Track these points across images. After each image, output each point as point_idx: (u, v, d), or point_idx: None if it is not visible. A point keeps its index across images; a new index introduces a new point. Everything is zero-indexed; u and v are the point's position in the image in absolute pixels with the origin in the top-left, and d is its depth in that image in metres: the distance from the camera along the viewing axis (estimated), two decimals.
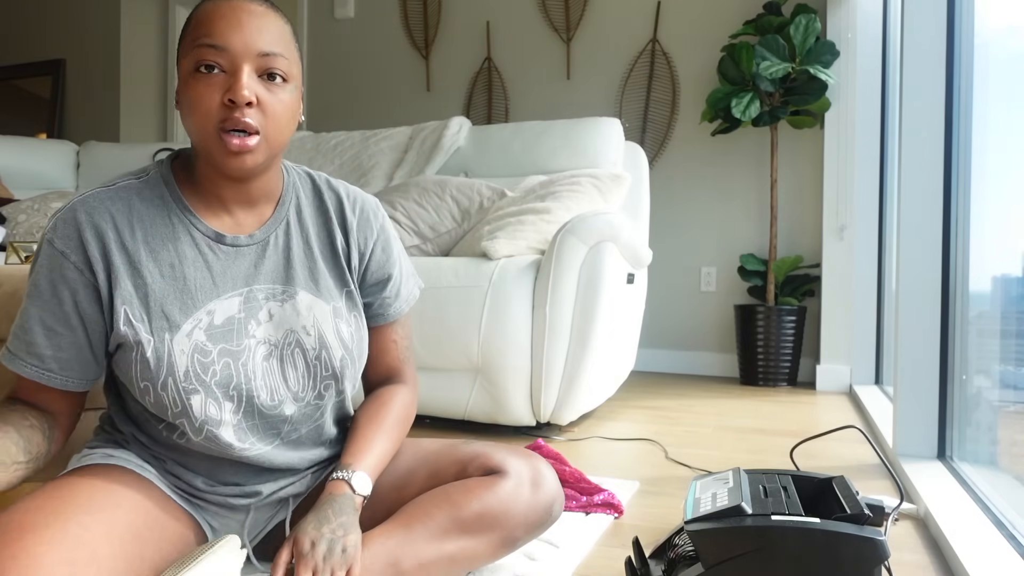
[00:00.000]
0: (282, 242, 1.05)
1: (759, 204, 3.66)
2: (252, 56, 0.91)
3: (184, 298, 0.97)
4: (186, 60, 0.92)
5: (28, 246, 1.76)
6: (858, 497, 1.00)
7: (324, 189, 1.12)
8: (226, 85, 0.90)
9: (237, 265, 1.01)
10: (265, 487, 1.07)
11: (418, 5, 4.35)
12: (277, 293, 1.03)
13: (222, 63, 0.90)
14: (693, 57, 3.79)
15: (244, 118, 0.90)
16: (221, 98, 0.90)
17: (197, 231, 0.99)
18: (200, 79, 0.90)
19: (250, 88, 0.90)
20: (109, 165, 3.68)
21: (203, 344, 0.97)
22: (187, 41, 0.93)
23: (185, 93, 0.92)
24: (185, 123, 0.94)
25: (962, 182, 1.83)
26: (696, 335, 3.78)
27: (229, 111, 0.90)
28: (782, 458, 2.01)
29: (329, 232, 1.09)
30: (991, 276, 1.74)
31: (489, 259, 2.32)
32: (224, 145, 0.91)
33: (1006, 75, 1.74)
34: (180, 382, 0.95)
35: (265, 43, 0.92)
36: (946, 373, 1.84)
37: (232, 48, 0.90)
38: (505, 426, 2.31)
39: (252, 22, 0.92)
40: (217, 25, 0.91)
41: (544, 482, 1.08)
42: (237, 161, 0.92)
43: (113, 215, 0.96)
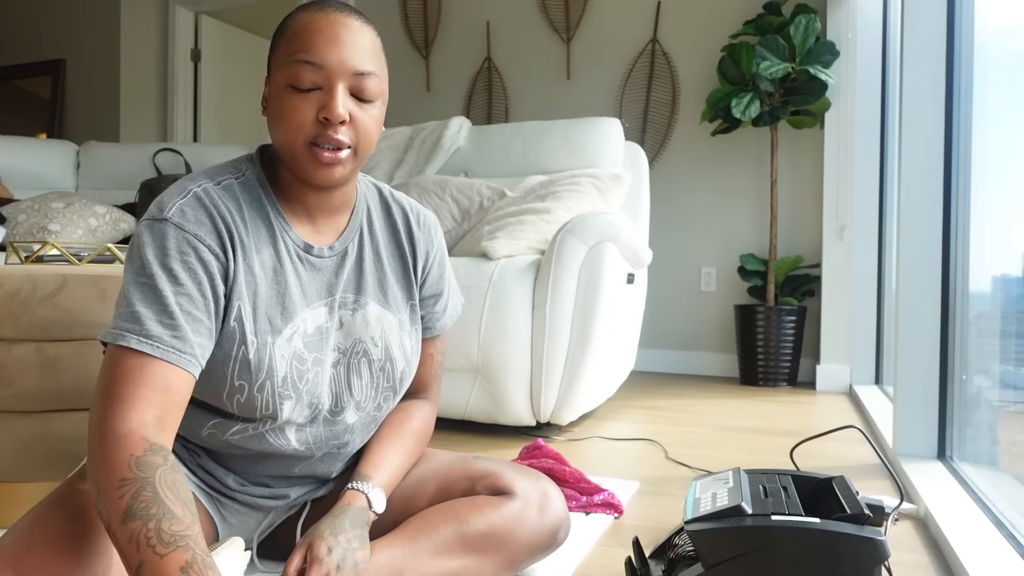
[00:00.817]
0: (355, 253, 1.07)
1: (759, 204, 3.66)
2: (347, 75, 0.93)
3: (285, 303, 0.98)
4: (281, 72, 0.93)
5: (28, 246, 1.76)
6: (858, 497, 1.00)
7: (391, 202, 1.14)
8: (320, 102, 0.92)
9: (320, 276, 1.02)
10: (294, 491, 1.09)
11: (418, 5, 4.35)
12: (349, 302, 1.05)
13: (318, 80, 0.92)
14: (693, 57, 3.79)
15: (337, 135, 0.92)
16: (315, 114, 0.92)
17: (290, 239, 1.00)
18: (295, 95, 0.92)
19: (344, 107, 0.92)
20: (109, 165, 3.68)
21: (300, 352, 0.98)
22: (282, 50, 0.94)
23: (278, 104, 0.93)
24: (273, 131, 0.95)
25: (962, 182, 1.83)
26: (696, 335, 3.78)
27: (322, 127, 0.92)
28: (782, 458, 2.01)
29: (397, 244, 1.12)
30: (991, 276, 1.74)
31: (489, 259, 2.32)
32: (315, 157, 0.93)
33: (1006, 75, 1.74)
34: (278, 387, 0.96)
35: (359, 62, 0.94)
36: (946, 373, 1.84)
37: (329, 66, 0.92)
38: (505, 426, 2.31)
39: (349, 38, 0.93)
40: (315, 40, 0.92)
41: (551, 506, 1.08)
42: (327, 173, 0.94)
43: (230, 208, 0.95)
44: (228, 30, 5.40)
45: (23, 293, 1.35)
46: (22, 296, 1.35)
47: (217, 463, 1.05)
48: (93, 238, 3.11)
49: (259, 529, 1.12)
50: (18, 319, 1.35)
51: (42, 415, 1.42)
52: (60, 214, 3.06)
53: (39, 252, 1.72)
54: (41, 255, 1.72)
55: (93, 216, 3.14)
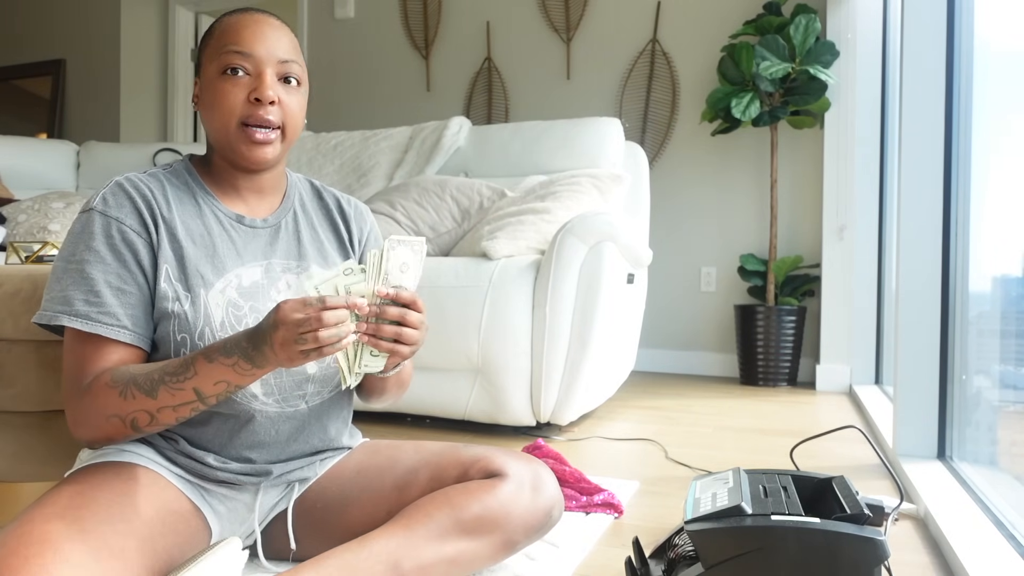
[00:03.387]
0: (291, 227, 1.16)
1: (759, 204, 3.66)
2: (274, 62, 1.05)
3: (215, 262, 1.06)
4: (212, 64, 1.04)
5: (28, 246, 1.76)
6: (858, 497, 1.00)
7: (322, 190, 1.25)
8: (251, 86, 1.03)
9: (256, 242, 1.11)
10: (276, 467, 1.10)
11: (418, 5, 4.35)
12: (292, 267, 1.13)
13: (247, 67, 1.03)
14: (693, 57, 3.79)
15: (267, 115, 1.03)
16: (246, 96, 1.03)
17: (220, 212, 1.09)
18: (227, 80, 1.03)
19: (273, 89, 1.03)
20: (109, 165, 3.68)
21: (235, 300, 1.06)
22: (211, 48, 1.05)
23: (211, 92, 1.04)
24: (207, 119, 1.05)
25: (962, 182, 1.83)
26: (696, 335, 3.78)
27: (254, 108, 1.03)
28: (782, 458, 2.01)
29: (331, 220, 1.22)
30: (991, 276, 1.74)
31: (489, 259, 2.32)
32: (248, 137, 1.03)
33: (1006, 75, 1.74)
34: (216, 332, 1.03)
35: (283, 51, 1.06)
36: (946, 373, 1.84)
37: (257, 54, 1.03)
38: (505, 426, 2.31)
39: (272, 33, 1.06)
40: (243, 35, 1.04)
41: (544, 486, 1.10)
42: (259, 152, 1.05)
43: (152, 190, 1.05)
44: None
45: (23, 293, 1.35)
46: (22, 296, 1.35)
47: (195, 445, 1.07)
48: None
49: (254, 520, 1.12)
50: (18, 319, 1.35)
51: (42, 415, 1.42)
52: (60, 214, 3.06)
53: (39, 252, 1.72)
54: (41, 255, 1.72)
55: None
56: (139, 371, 0.95)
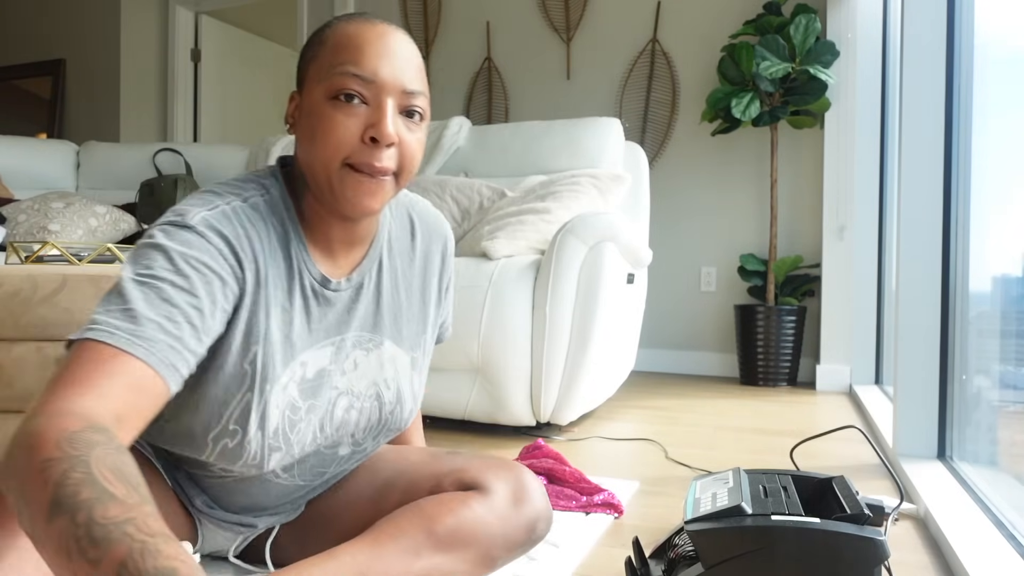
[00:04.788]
0: (374, 284, 0.98)
1: (759, 204, 3.66)
2: (398, 92, 0.85)
3: (286, 347, 0.90)
4: (321, 84, 0.84)
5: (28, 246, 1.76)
6: (858, 497, 1.00)
7: (416, 225, 1.05)
8: (368, 120, 0.83)
9: (333, 312, 0.94)
10: (261, 521, 1.05)
11: (418, 5, 4.35)
12: (364, 341, 0.98)
13: (365, 94, 0.84)
14: (693, 57, 3.79)
15: (381, 161, 0.84)
16: (360, 132, 0.83)
17: (308, 273, 0.91)
18: (338, 108, 0.83)
19: (394, 125, 0.84)
20: (109, 165, 3.68)
21: (295, 400, 0.92)
22: (323, 61, 0.85)
23: (315, 119, 0.84)
24: (306, 149, 0.86)
25: (962, 182, 1.83)
26: (696, 335, 3.78)
27: (367, 150, 0.83)
28: (782, 458, 2.01)
29: (424, 270, 1.05)
30: (991, 276, 1.74)
31: (489, 259, 2.32)
32: (354, 183, 0.84)
33: (1006, 75, 1.74)
34: (268, 438, 0.90)
35: (410, 79, 0.86)
36: (946, 373, 1.84)
37: (380, 80, 0.83)
38: (505, 426, 2.31)
39: (400, 52, 0.86)
40: (365, 53, 0.84)
41: (528, 498, 1.01)
42: (365, 202, 0.85)
43: (258, 233, 0.87)
44: (228, 30, 5.40)
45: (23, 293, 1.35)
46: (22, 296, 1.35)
47: (192, 482, 0.99)
48: (93, 238, 3.12)
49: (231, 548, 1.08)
50: (18, 319, 1.35)
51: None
52: (60, 214, 3.06)
53: (39, 252, 1.72)
54: (41, 255, 1.72)
55: (93, 216, 3.14)
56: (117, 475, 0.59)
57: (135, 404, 0.69)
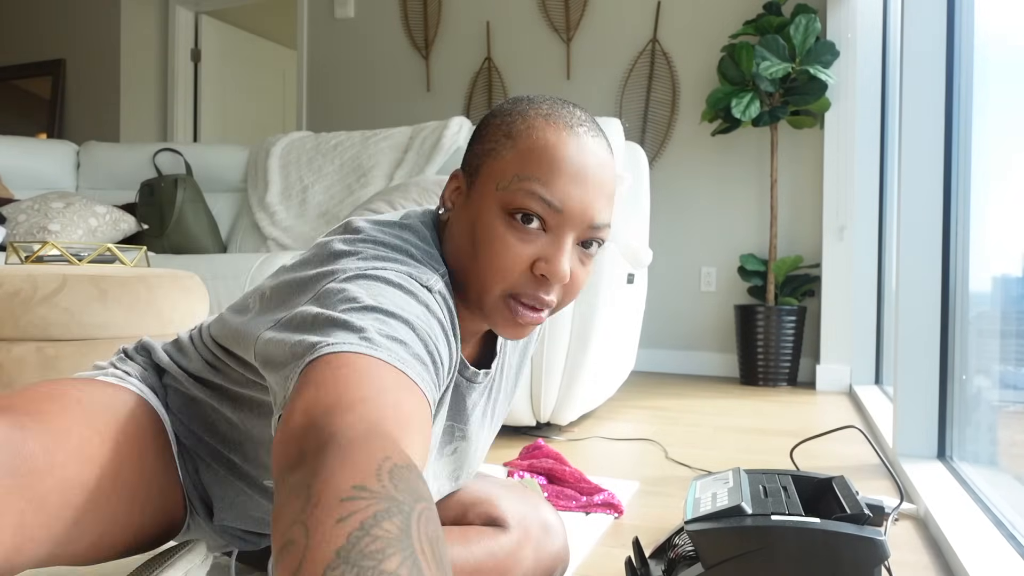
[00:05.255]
0: (499, 374, 0.93)
1: (759, 204, 3.66)
2: (584, 226, 0.74)
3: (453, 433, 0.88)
4: (499, 192, 0.73)
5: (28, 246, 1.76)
6: (858, 497, 1.00)
7: None
8: (542, 252, 0.73)
9: (458, 400, 0.86)
10: (263, 541, 1.00)
11: (418, 5, 4.35)
12: (470, 433, 0.91)
13: (548, 221, 0.73)
14: (693, 57, 3.79)
15: (548, 296, 0.74)
16: (530, 263, 0.73)
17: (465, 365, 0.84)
18: (513, 229, 0.73)
19: (570, 265, 0.75)
20: (109, 165, 3.68)
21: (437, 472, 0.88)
22: (507, 165, 0.74)
23: (484, 232, 0.73)
24: (462, 253, 0.76)
25: (962, 182, 1.83)
26: (696, 335, 3.78)
27: (533, 283, 0.74)
28: (782, 458, 2.01)
29: (522, 352, 1.00)
30: (991, 276, 1.74)
31: None
32: (511, 314, 0.75)
33: (1006, 75, 1.74)
34: None
35: (600, 210, 0.74)
36: (946, 373, 1.84)
37: (568, 211, 0.73)
38: (505, 426, 2.31)
39: (597, 176, 0.74)
40: (561, 173, 0.72)
41: (550, 541, 0.98)
42: (518, 333, 0.77)
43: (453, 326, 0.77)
44: (228, 30, 5.40)
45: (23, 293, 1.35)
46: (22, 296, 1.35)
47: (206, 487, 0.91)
48: (93, 238, 3.12)
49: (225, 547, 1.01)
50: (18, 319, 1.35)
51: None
52: (60, 214, 3.06)
53: (39, 252, 1.72)
54: (41, 255, 1.72)
55: (93, 216, 3.14)
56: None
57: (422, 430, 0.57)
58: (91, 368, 0.89)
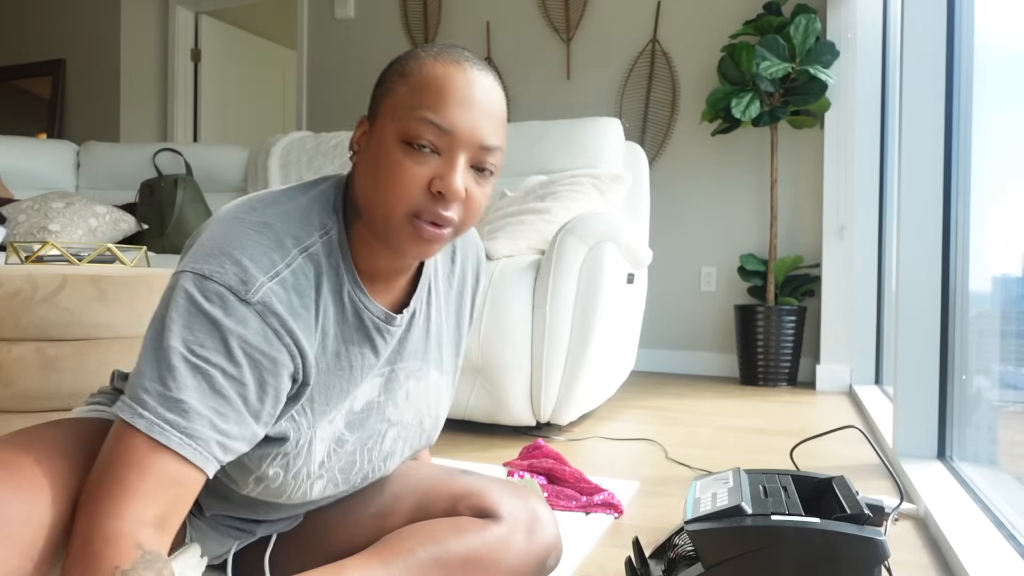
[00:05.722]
0: (423, 314, 0.96)
1: (759, 204, 3.66)
2: (474, 147, 0.81)
3: (339, 388, 0.88)
4: (394, 123, 0.80)
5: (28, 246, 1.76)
6: (858, 497, 1.01)
7: (456, 250, 1.04)
8: (437, 171, 0.80)
9: (386, 348, 0.91)
10: (260, 528, 1.03)
11: (418, 5, 4.35)
12: (415, 371, 0.96)
13: (439, 144, 0.79)
14: (693, 57, 3.79)
15: (446, 212, 0.80)
16: (427, 183, 0.80)
17: (368, 312, 0.88)
18: (409, 154, 0.79)
19: (464, 180, 0.80)
20: (109, 165, 3.69)
21: (341, 433, 0.90)
22: (402, 97, 0.81)
23: (383, 161, 0.80)
24: (368, 187, 0.82)
25: (962, 182, 1.83)
26: (696, 335, 3.78)
27: (432, 201, 0.80)
28: (782, 458, 2.01)
29: (459, 292, 1.03)
30: (991, 276, 1.74)
31: (489, 259, 2.32)
32: (415, 232, 0.80)
33: (1006, 75, 1.74)
34: (313, 471, 0.89)
35: (489, 133, 0.81)
36: (946, 373, 1.84)
37: (457, 132, 0.79)
38: (505, 426, 2.31)
39: (485, 102, 0.81)
40: (447, 100, 0.79)
41: (541, 530, 0.99)
42: (422, 250, 0.82)
43: (318, 290, 0.84)
44: (228, 30, 5.40)
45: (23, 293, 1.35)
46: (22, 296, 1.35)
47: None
48: (93, 238, 3.12)
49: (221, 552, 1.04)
50: (18, 319, 1.35)
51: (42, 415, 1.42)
52: (60, 214, 3.06)
53: (39, 252, 1.72)
54: (41, 255, 1.72)
55: (93, 216, 3.14)
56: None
57: (179, 498, 0.73)
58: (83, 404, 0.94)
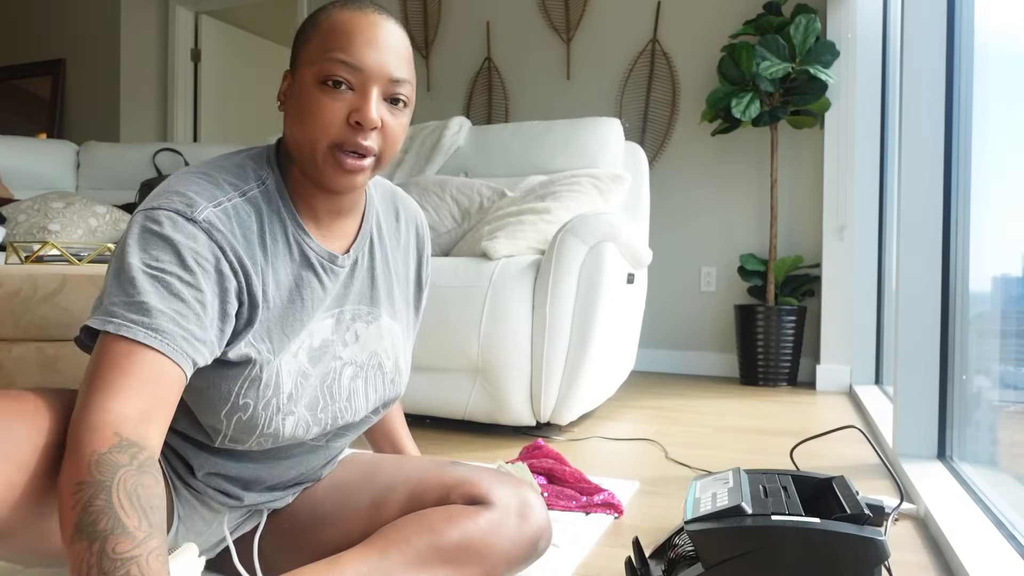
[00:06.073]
0: (367, 261, 1.03)
1: (759, 204, 3.66)
2: (384, 80, 0.88)
3: (296, 318, 0.94)
4: (311, 68, 0.88)
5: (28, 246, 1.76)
6: (858, 497, 1.01)
7: (400, 208, 1.11)
8: (353, 105, 0.87)
9: (333, 287, 0.98)
10: (249, 496, 1.04)
11: (418, 5, 4.35)
12: (363, 314, 1.02)
13: (352, 81, 0.87)
14: (693, 57, 3.79)
15: (365, 141, 0.88)
16: (345, 116, 0.87)
17: (312, 251, 0.95)
18: (326, 92, 0.87)
19: (378, 112, 0.88)
20: (109, 165, 3.69)
21: (305, 367, 0.95)
22: (314, 45, 0.89)
23: (304, 101, 0.88)
24: (294, 129, 0.90)
25: (962, 182, 1.83)
26: (696, 335, 3.78)
27: (351, 132, 0.87)
28: (782, 458, 2.01)
29: (406, 250, 1.11)
30: (991, 276, 1.74)
31: (489, 259, 2.32)
32: (338, 163, 0.88)
33: (1006, 75, 1.74)
34: (283, 404, 0.93)
35: (396, 67, 0.89)
36: (946, 373, 1.84)
37: (367, 68, 0.87)
38: (505, 426, 2.31)
39: (388, 41, 0.89)
40: (354, 41, 0.87)
41: (531, 514, 1.03)
42: (348, 180, 0.89)
43: (256, 228, 0.91)
44: (228, 30, 5.40)
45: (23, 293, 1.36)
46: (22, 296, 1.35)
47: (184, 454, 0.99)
48: (93, 238, 3.12)
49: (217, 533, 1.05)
50: (18, 319, 1.35)
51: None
52: (60, 214, 3.06)
53: (39, 252, 1.72)
54: (41, 255, 1.72)
55: (93, 216, 3.14)
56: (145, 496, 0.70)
57: (159, 394, 0.77)
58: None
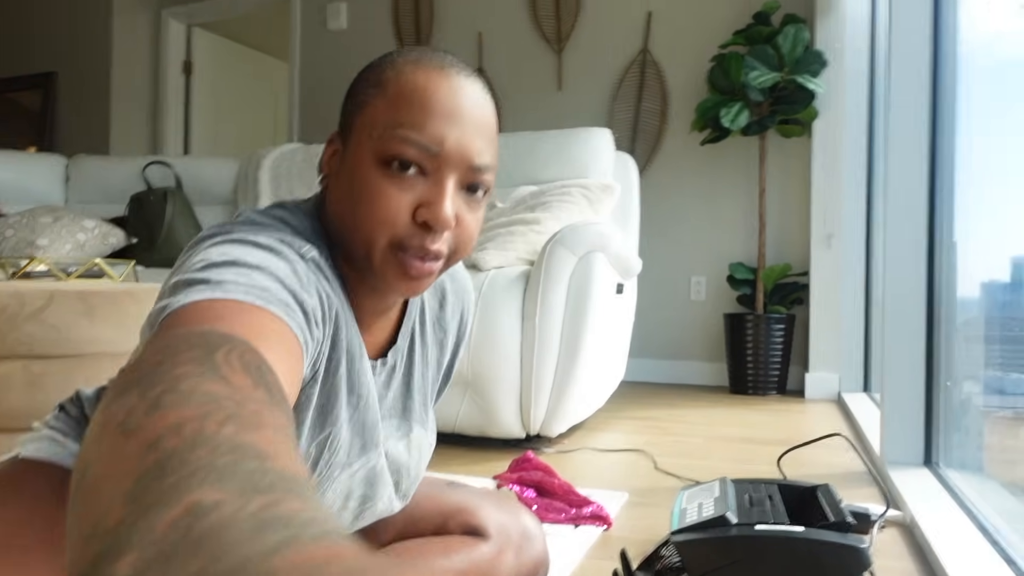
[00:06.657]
0: (404, 365, 0.85)
1: (748, 213, 3.67)
2: (464, 168, 0.69)
3: (364, 437, 0.80)
4: (372, 142, 0.69)
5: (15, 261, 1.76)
6: (842, 505, 1.01)
7: (448, 281, 0.92)
8: (423, 197, 0.68)
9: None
10: None
11: (410, 16, 4.37)
12: (394, 429, 0.86)
13: (425, 165, 0.69)
14: (683, 67, 3.82)
15: (434, 245, 0.69)
16: (411, 209, 0.68)
17: (365, 352, 0.77)
18: (389, 177, 0.68)
19: (454, 208, 0.69)
20: (98, 179, 3.68)
21: (351, 489, 0.81)
22: (379, 110, 0.69)
23: (360, 185, 0.69)
24: (343, 214, 0.71)
25: (947, 190, 1.85)
26: (685, 344, 3.79)
27: (419, 233, 0.69)
28: (770, 467, 2.02)
29: (442, 345, 0.92)
30: (978, 283, 1.75)
31: (478, 270, 2.32)
32: (401, 266, 0.69)
33: (990, 83, 1.76)
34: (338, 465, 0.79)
35: (480, 150, 0.70)
36: (932, 380, 1.85)
37: (445, 152, 0.68)
38: (495, 439, 2.31)
39: (474, 114, 0.70)
40: (432, 113, 0.68)
41: (529, 546, 0.99)
42: (411, 287, 0.71)
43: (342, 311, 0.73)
44: (220, 42, 5.41)
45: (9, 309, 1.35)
46: (8, 313, 1.35)
47: None
48: (82, 252, 3.11)
49: None
50: (4, 336, 1.35)
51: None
52: (48, 229, 3.06)
53: (26, 268, 1.72)
54: (28, 271, 1.72)
55: (82, 231, 3.13)
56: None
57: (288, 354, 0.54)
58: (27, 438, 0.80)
